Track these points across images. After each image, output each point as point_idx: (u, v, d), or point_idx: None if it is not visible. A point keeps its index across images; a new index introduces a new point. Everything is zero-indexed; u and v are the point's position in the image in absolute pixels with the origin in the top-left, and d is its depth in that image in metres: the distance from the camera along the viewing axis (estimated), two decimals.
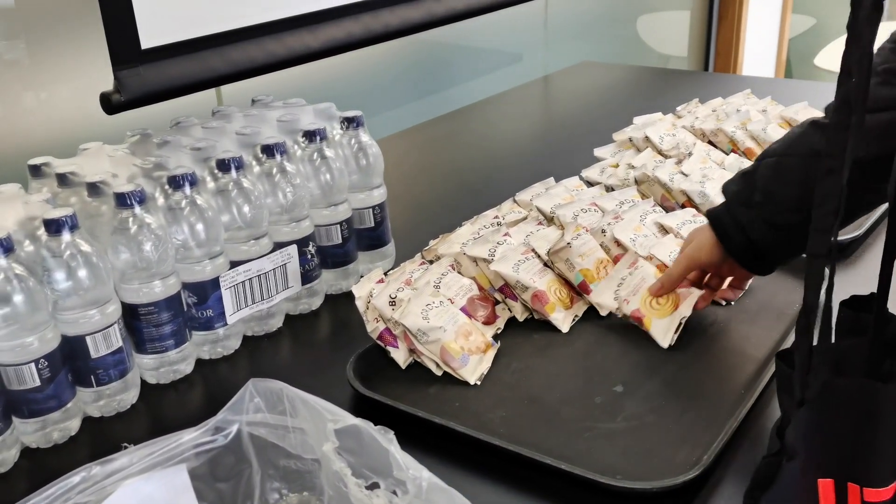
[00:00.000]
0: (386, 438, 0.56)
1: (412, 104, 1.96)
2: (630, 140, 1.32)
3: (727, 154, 1.34)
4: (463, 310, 0.88)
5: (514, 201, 1.14)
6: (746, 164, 1.23)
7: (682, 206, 1.15)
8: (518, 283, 0.92)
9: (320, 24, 1.44)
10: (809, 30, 4.17)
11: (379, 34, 1.51)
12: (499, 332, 0.91)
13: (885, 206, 1.09)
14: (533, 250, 0.97)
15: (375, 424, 0.78)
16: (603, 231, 1.00)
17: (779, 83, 2.14)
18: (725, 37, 3.07)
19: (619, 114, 1.67)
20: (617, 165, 1.26)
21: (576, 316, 0.93)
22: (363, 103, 1.90)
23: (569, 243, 0.95)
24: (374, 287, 0.89)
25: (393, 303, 0.86)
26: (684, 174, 1.18)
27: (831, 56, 3.76)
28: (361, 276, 1.01)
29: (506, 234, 0.98)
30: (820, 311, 0.55)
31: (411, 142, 1.68)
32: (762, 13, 3.24)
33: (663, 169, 1.17)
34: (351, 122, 1.01)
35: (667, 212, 1.10)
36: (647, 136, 1.30)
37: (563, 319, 0.92)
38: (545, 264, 0.96)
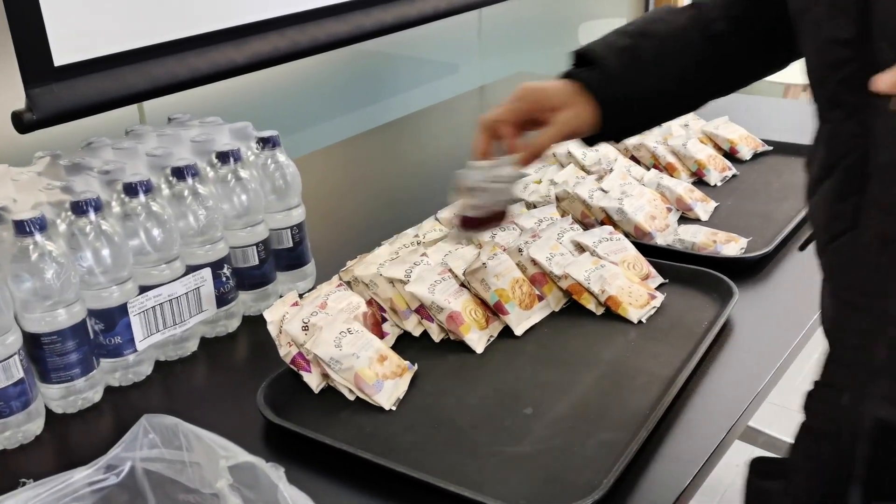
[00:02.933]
0: (276, 475, 0.55)
1: (348, 116, 1.95)
2: (554, 155, 1.34)
3: (649, 169, 1.37)
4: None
5: (436, 219, 1.14)
6: (666, 179, 1.25)
7: (602, 223, 1.16)
8: (433, 305, 0.92)
9: (246, 38, 1.43)
10: None
11: (305, 48, 1.51)
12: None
13: (792, 225, 1.13)
14: (450, 270, 0.97)
15: (288, 451, 0.79)
16: (520, 250, 1.01)
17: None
18: None
19: None
20: (540, 181, 1.27)
21: (491, 336, 0.94)
22: (298, 116, 1.89)
23: (484, 263, 0.95)
24: (288, 311, 0.89)
25: (306, 328, 0.86)
26: (604, 191, 1.19)
27: None
28: (281, 297, 1.00)
29: (423, 255, 0.99)
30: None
31: (343, 155, 1.68)
32: None
33: (583, 186, 1.19)
34: (266, 143, 1.00)
35: (585, 229, 1.11)
36: (569, 152, 1.31)
37: (477, 340, 0.92)
38: (462, 284, 0.97)
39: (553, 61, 2.68)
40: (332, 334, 0.85)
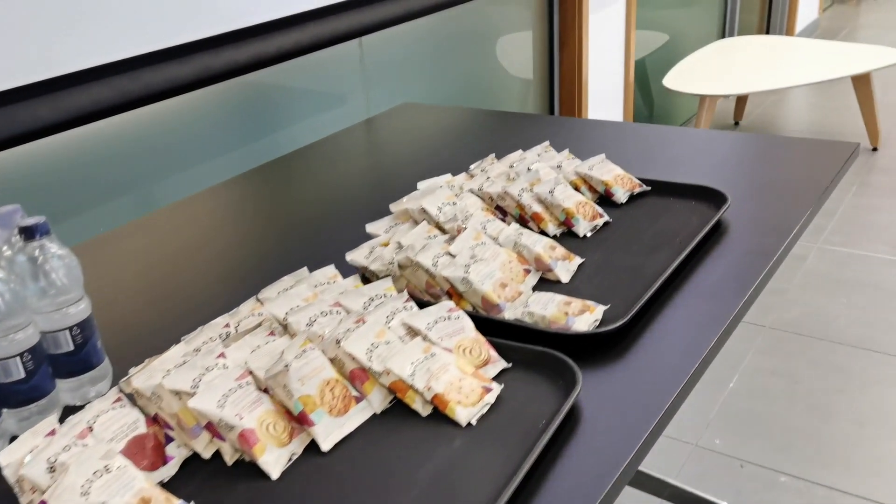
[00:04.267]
0: None
1: (220, 158, 1.81)
2: (406, 211, 1.21)
3: (515, 220, 1.25)
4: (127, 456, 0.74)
5: (258, 300, 1.00)
6: (526, 235, 1.13)
7: (448, 294, 1.04)
8: (222, 422, 0.78)
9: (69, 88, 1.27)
10: (662, 46, 4.21)
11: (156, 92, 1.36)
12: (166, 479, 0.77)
13: (660, 281, 1.01)
14: (251, 373, 0.84)
15: None
16: (338, 341, 0.87)
17: (622, 127, 2.05)
18: (568, 62, 3.03)
19: (439, 165, 1.57)
20: (387, 244, 1.14)
21: (293, 455, 0.80)
22: (163, 160, 1.75)
23: (287, 366, 0.82)
24: (38, 444, 0.74)
25: (53, 469, 0.71)
26: (451, 255, 1.07)
27: (681, 76, 3.80)
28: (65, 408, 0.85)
29: (220, 355, 0.85)
30: None
31: (203, 206, 1.53)
32: (605, 33, 3.23)
33: (428, 252, 1.06)
34: (31, 233, 0.86)
35: (426, 304, 0.99)
36: (423, 208, 1.19)
37: (274, 462, 0.78)
38: (264, 389, 0.83)
39: (440, 90, 2.58)
40: (82, 476, 0.70)
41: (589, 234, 1.22)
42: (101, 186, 1.61)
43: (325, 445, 0.81)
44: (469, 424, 0.83)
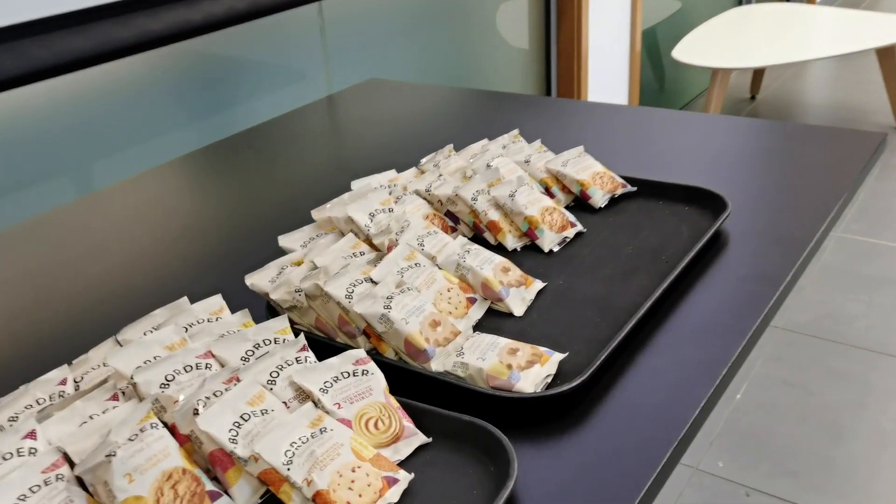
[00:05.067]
0: None
1: (172, 133, 1.59)
2: (330, 220, 0.99)
3: (469, 229, 1.03)
4: None
5: (117, 341, 0.79)
6: (473, 254, 0.91)
7: (366, 335, 0.82)
8: None
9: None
10: (673, 15, 3.93)
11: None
12: None
13: (636, 318, 0.79)
14: (65, 456, 0.62)
15: None
16: (195, 411, 0.66)
17: (616, 112, 1.80)
18: (567, 33, 2.78)
19: (406, 150, 1.34)
20: (300, 262, 0.92)
21: None
22: (99, 134, 1.53)
23: (111, 453, 0.60)
24: None
25: None
26: (374, 282, 0.84)
27: (693, 48, 3.53)
28: None
29: (29, 435, 0.63)
30: None
31: (134, 192, 1.30)
32: (609, 0, 2.96)
33: (343, 278, 0.84)
34: None
35: (344, 346, 0.77)
36: (350, 217, 0.96)
37: None
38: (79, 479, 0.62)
39: (414, 66, 2.33)
40: None
41: (556, 249, 1.00)
42: (28, 166, 1.40)
43: None
44: None
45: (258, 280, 0.89)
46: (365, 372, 0.72)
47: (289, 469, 0.63)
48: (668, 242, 0.98)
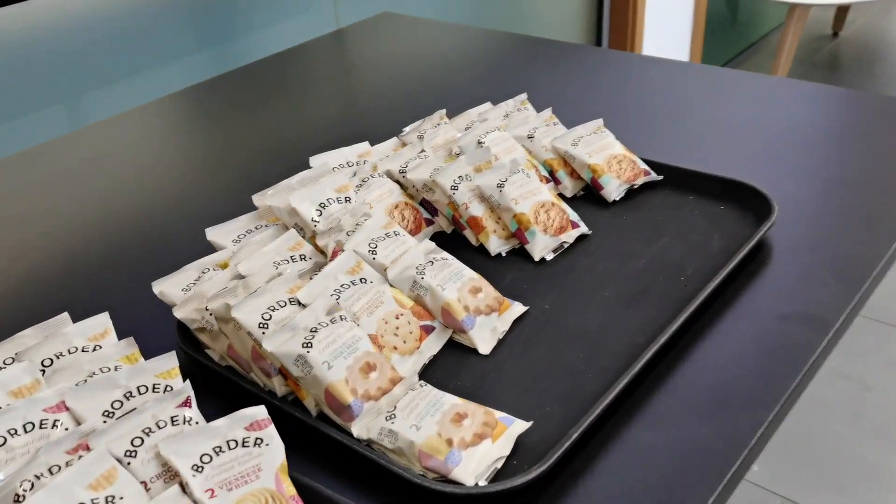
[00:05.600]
0: None
1: (168, 66, 1.43)
2: (270, 207, 0.80)
3: (448, 223, 0.84)
4: None
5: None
6: (437, 269, 0.73)
7: (283, 374, 0.65)
8: None
9: None
10: None
11: None
12: None
13: (627, 378, 0.60)
14: None
15: None
16: (17, 498, 0.50)
17: (677, 69, 1.54)
18: None
19: (416, 98, 1.16)
20: (226, 265, 0.74)
21: None
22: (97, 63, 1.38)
23: None
24: None
25: None
26: (301, 305, 0.67)
27: None
28: None
29: None
30: None
31: (124, 128, 1.14)
32: None
33: (259, 300, 0.66)
34: None
35: (262, 384, 0.60)
36: (293, 208, 0.78)
37: None
38: None
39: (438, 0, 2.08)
40: None
41: (549, 258, 0.80)
42: (22, 96, 1.25)
43: None
44: None
45: (169, 288, 0.72)
46: (259, 442, 0.55)
47: None
48: (691, 255, 0.78)
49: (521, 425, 0.59)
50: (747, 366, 0.65)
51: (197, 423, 0.57)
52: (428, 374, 0.67)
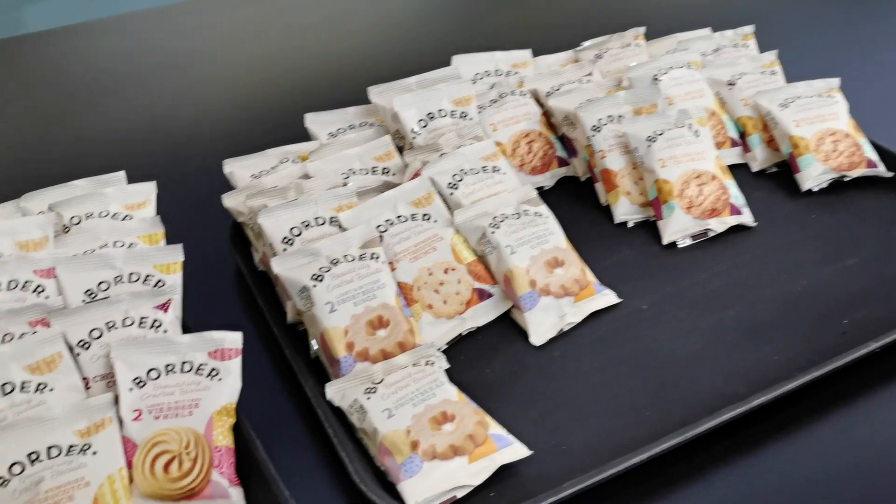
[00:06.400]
0: None
1: None
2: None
3: (585, 168, 0.69)
4: None
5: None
6: (511, 226, 0.60)
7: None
8: None
9: None
10: None
11: None
12: None
13: None
14: None
15: None
16: None
17: None
18: None
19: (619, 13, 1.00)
20: (306, 158, 0.66)
21: None
22: None
23: None
24: None
25: None
26: (343, 228, 0.57)
27: None
28: None
29: None
30: None
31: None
32: None
33: (296, 211, 0.56)
34: None
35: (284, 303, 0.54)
36: (396, 114, 0.67)
37: None
38: None
39: None
40: None
41: (683, 244, 0.63)
42: None
43: None
44: None
45: (239, 170, 0.66)
46: (214, 373, 0.48)
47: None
48: (877, 295, 0.56)
49: (516, 452, 0.46)
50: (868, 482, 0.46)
51: (165, 331, 0.51)
52: (458, 347, 0.55)
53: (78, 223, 0.59)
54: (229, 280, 0.64)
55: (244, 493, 0.46)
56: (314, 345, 0.54)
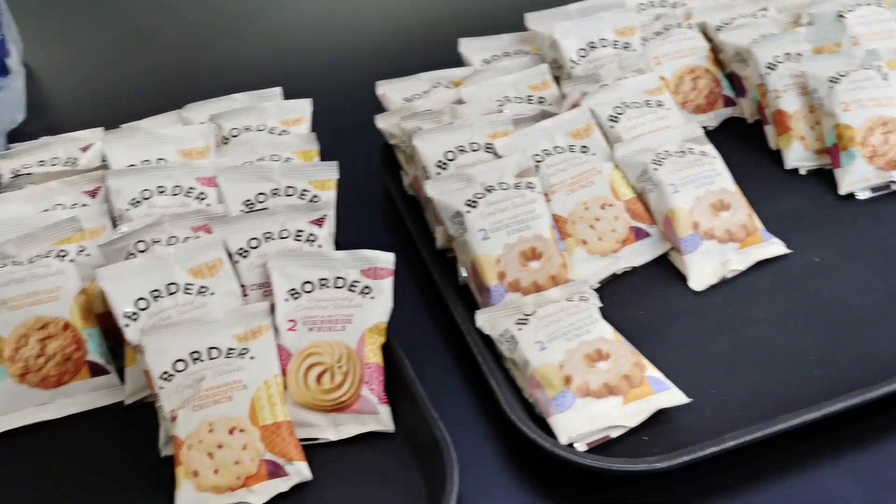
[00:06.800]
0: None
1: None
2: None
3: (754, 108, 0.65)
4: None
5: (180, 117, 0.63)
6: (677, 163, 0.57)
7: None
8: None
9: None
10: None
11: None
12: None
13: None
14: None
15: None
16: (130, 255, 0.49)
17: None
18: None
19: None
20: (459, 84, 0.64)
21: None
22: None
23: None
24: None
25: None
26: (498, 155, 0.55)
27: None
28: None
29: None
30: None
31: None
32: None
33: (445, 136, 0.55)
34: None
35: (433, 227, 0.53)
36: (555, 41, 0.64)
37: None
38: None
39: None
40: None
41: (863, 196, 0.58)
42: None
43: None
44: None
45: (391, 92, 0.65)
46: (366, 291, 0.48)
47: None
48: None
49: (673, 397, 0.44)
50: None
51: (320, 246, 0.51)
52: (610, 286, 0.53)
53: (237, 135, 0.60)
54: (376, 202, 0.64)
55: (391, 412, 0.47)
56: (463, 272, 0.53)
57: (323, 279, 0.49)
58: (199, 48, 0.86)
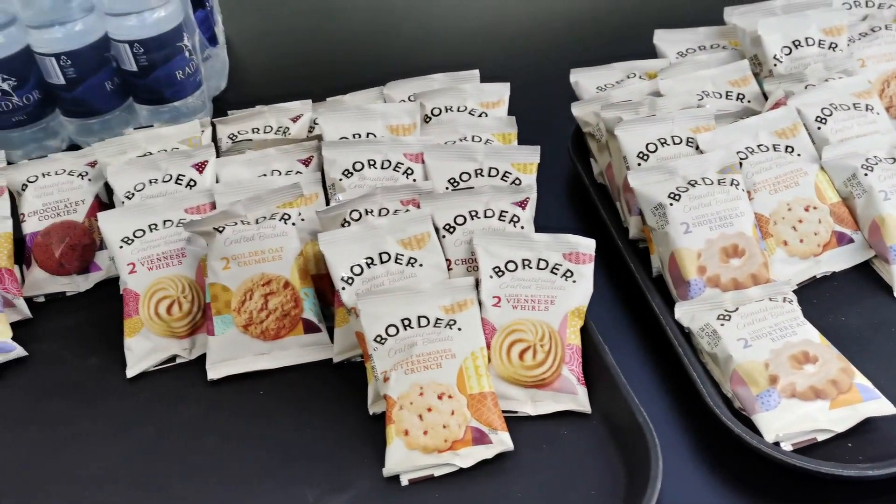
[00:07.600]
0: None
1: None
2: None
3: None
4: None
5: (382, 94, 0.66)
6: (875, 178, 0.55)
7: (640, 216, 0.56)
8: None
9: None
10: None
11: None
12: None
13: None
14: None
15: None
16: (345, 223, 0.52)
17: None
18: None
19: None
20: (654, 76, 0.64)
21: None
22: None
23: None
24: None
25: None
26: (699, 150, 0.55)
27: None
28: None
29: None
30: None
31: None
32: None
33: (654, 128, 0.56)
34: None
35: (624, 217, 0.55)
36: (759, 37, 0.63)
37: None
38: None
39: None
40: None
41: None
42: None
43: None
44: None
45: (585, 81, 0.66)
46: (569, 274, 0.50)
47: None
48: None
49: (883, 407, 0.44)
50: None
51: (522, 227, 0.53)
52: (809, 290, 0.53)
53: (438, 114, 0.62)
54: (563, 188, 0.65)
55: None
56: (658, 262, 0.54)
57: (526, 260, 0.50)
58: (392, 25, 0.89)
